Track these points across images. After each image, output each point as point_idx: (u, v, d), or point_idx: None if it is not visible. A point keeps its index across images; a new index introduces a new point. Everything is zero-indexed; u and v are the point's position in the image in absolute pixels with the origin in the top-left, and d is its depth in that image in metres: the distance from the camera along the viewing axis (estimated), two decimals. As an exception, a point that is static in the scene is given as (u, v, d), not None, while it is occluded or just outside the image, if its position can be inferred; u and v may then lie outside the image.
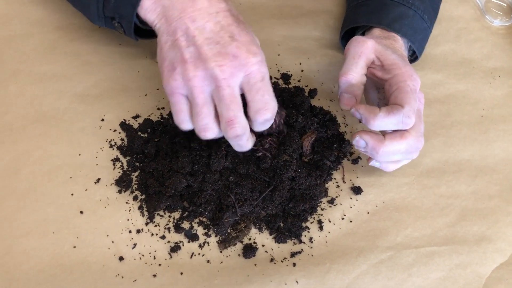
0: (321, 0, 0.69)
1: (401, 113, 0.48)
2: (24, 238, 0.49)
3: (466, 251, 0.53)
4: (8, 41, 0.60)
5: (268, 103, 0.45)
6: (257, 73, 0.45)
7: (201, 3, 0.46)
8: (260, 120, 0.46)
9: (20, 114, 0.55)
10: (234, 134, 0.45)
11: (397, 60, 0.51)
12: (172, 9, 0.46)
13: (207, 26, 0.45)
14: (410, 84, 0.50)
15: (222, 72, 0.44)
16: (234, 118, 0.44)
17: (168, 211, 0.52)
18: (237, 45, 0.44)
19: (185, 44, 0.45)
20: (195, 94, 0.45)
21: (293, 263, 0.51)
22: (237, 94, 0.45)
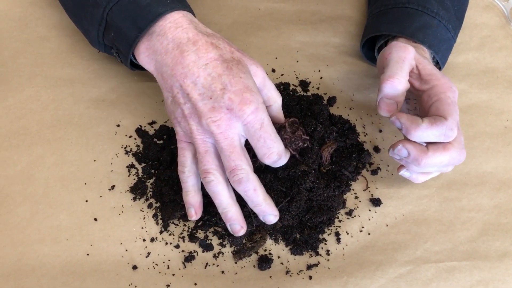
0: (340, 6, 0.67)
1: (445, 125, 0.47)
2: (37, 245, 0.49)
3: (488, 267, 0.52)
4: (24, 44, 0.60)
5: (271, 148, 0.46)
6: (254, 122, 0.45)
7: (189, 57, 0.46)
8: (268, 162, 0.47)
9: (35, 118, 0.55)
10: (237, 181, 0.46)
11: (434, 70, 0.50)
12: (164, 66, 0.47)
13: (198, 81, 0.46)
14: (450, 95, 0.49)
15: (218, 127, 0.45)
16: (235, 167, 0.45)
17: (183, 219, 0.51)
18: (230, 97, 0.45)
19: (182, 101, 0.47)
20: (197, 145, 0.47)
21: (309, 276, 0.50)
22: (236, 144, 0.46)
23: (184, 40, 0.47)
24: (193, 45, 0.47)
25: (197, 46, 0.47)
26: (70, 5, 0.55)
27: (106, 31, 0.51)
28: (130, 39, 0.49)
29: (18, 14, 0.61)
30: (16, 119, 0.55)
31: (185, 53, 0.47)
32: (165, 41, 0.47)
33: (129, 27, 0.49)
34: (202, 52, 0.47)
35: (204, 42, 0.47)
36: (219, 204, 0.47)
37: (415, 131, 0.47)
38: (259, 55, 0.62)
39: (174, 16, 0.48)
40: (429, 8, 0.56)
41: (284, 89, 0.59)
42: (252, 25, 0.64)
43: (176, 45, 0.47)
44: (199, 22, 0.50)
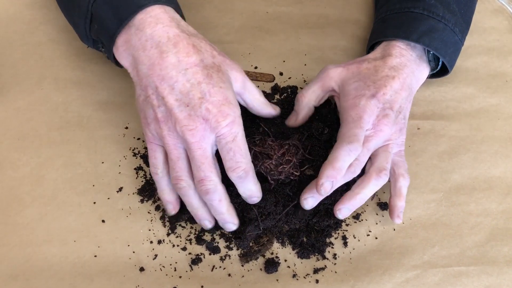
0: (348, 10, 0.67)
1: (342, 144, 0.48)
2: (45, 246, 0.49)
3: (496, 273, 0.52)
4: (34, 47, 0.60)
5: (239, 162, 0.46)
6: (228, 134, 0.45)
7: (169, 60, 0.45)
8: (233, 177, 0.47)
9: (44, 120, 0.56)
10: (205, 191, 0.46)
11: (352, 90, 0.52)
12: (141, 63, 0.46)
13: (176, 86, 0.45)
14: (352, 114, 0.50)
15: (192, 136, 0.45)
16: (204, 178, 0.46)
17: (190, 222, 0.51)
18: (207, 108, 0.45)
19: (156, 104, 0.46)
20: (169, 150, 0.46)
21: (316, 279, 0.50)
22: (208, 154, 0.46)
23: (164, 39, 0.46)
24: (173, 46, 0.46)
25: (178, 48, 0.46)
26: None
27: (92, 24, 0.50)
28: (111, 31, 0.48)
29: (29, 17, 0.62)
30: (26, 121, 0.56)
31: (165, 54, 0.45)
32: (143, 37, 0.46)
33: (110, 18, 0.47)
34: (182, 55, 0.46)
35: (185, 44, 0.46)
36: (189, 206, 0.49)
37: (335, 168, 0.48)
38: (267, 58, 0.62)
39: (155, 11, 0.47)
40: (435, 12, 0.56)
41: (292, 92, 0.60)
42: (260, 29, 0.65)
43: (156, 43, 0.46)
44: (182, 19, 0.49)
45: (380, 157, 0.51)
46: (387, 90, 0.51)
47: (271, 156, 0.50)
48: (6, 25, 0.61)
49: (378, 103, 0.50)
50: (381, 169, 0.50)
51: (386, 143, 0.51)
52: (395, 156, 0.52)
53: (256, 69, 0.61)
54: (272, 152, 0.51)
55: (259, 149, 0.51)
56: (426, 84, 0.62)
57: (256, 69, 0.61)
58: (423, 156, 0.58)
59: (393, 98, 0.51)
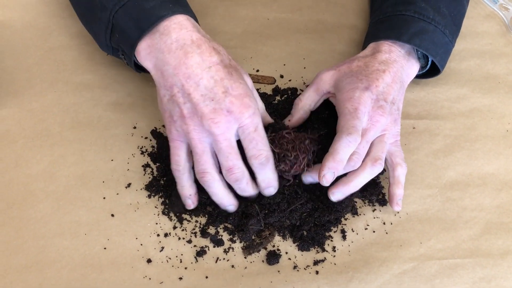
0: (345, 16, 0.70)
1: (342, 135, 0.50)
2: (57, 238, 0.51)
3: (491, 265, 0.53)
4: (48, 52, 0.63)
5: (261, 150, 0.49)
6: (250, 125, 0.48)
7: (194, 59, 0.48)
8: (256, 164, 0.50)
9: (57, 120, 0.58)
10: (234, 179, 0.49)
11: (346, 85, 0.54)
12: (166, 64, 0.49)
13: (201, 83, 0.48)
14: (348, 105, 0.52)
15: (218, 128, 0.47)
16: (233, 166, 0.49)
17: (195, 215, 0.54)
18: (231, 100, 0.47)
19: (182, 101, 0.48)
20: (194, 145, 0.48)
21: (316, 271, 0.52)
22: (234, 145, 0.49)
23: (189, 41, 0.49)
24: (197, 47, 0.49)
25: (201, 49, 0.49)
26: (82, 10, 0.57)
27: (112, 34, 0.53)
28: (132, 39, 0.50)
29: (42, 24, 0.65)
30: (39, 121, 0.58)
31: (190, 54, 0.48)
32: (168, 40, 0.49)
33: (131, 28, 0.50)
34: (206, 55, 0.49)
35: (207, 46, 0.49)
36: (215, 195, 0.51)
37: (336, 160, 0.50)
38: (268, 62, 0.65)
39: (178, 18, 0.50)
40: (425, 14, 0.58)
41: (292, 93, 0.62)
42: (261, 34, 0.67)
43: (180, 45, 0.49)
44: (200, 28, 0.52)
45: (376, 147, 0.53)
46: (379, 83, 0.53)
47: (289, 157, 0.53)
48: (21, 31, 0.64)
49: (372, 95, 0.52)
50: (376, 158, 0.52)
51: (382, 133, 0.53)
52: (391, 146, 0.54)
53: (258, 72, 0.64)
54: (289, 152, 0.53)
55: (277, 150, 0.53)
56: (421, 86, 0.64)
57: (258, 72, 0.64)
58: (418, 153, 0.60)
59: (385, 90, 0.54)
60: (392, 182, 0.54)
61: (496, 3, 0.73)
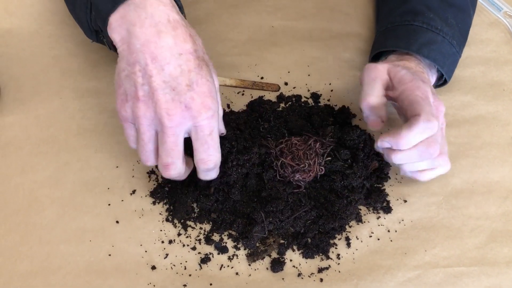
0: (350, 24, 0.70)
1: (420, 120, 0.48)
2: (62, 245, 0.52)
3: (496, 273, 0.53)
4: (54, 59, 0.64)
5: (211, 155, 0.47)
6: (206, 127, 0.45)
7: (166, 40, 0.44)
8: (202, 168, 0.48)
9: (63, 127, 0.59)
10: (167, 175, 0.47)
11: (405, 75, 0.52)
12: (135, 38, 0.44)
13: (167, 68, 0.44)
14: (419, 93, 0.51)
15: (170, 121, 0.44)
16: (170, 164, 0.46)
17: (199, 223, 0.54)
18: (192, 96, 0.44)
19: (140, 81, 0.44)
20: (141, 130, 0.46)
21: (321, 278, 0.52)
22: (179, 142, 0.46)
23: (164, 20, 0.45)
24: (172, 29, 0.45)
25: (176, 32, 0.45)
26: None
27: (91, 14, 0.50)
28: (105, 11, 0.46)
29: (49, 32, 0.66)
30: (46, 128, 0.59)
31: (163, 34, 0.44)
32: (143, 14, 0.45)
33: (105, 1, 0.46)
34: (179, 39, 0.45)
35: (184, 30, 0.46)
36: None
37: (401, 140, 0.49)
38: (272, 69, 0.65)
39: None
40: (433, 25, 0.59)
41: (296, 100, 0.62)
42: (266, 41, 0.68)
43: (155, 23, 0.45)
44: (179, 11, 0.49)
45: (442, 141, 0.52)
46: (425, 78, 0.54)
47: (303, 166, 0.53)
48: (28, 39, 0.64)
49: (429, 88, 0.53)
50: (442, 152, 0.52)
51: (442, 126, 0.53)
52: None
53: (262, 79, 0.64)
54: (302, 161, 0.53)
55: (289, 161, 0.53)
56: (425, 93, 0.64)
57: (263, 79, 0.64)
58: (423, 161, 0.60)
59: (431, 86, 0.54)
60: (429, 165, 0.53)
61: (500, 10, 0.73)
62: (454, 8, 0.61)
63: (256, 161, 0.54)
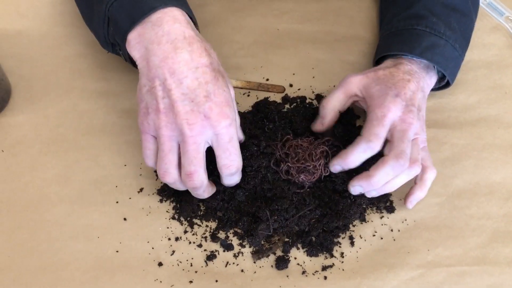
0: (354, 27, 0.71)
1: (362, 140, 0.52)
2: (71, 241, 0.53)
3: (498, 273, 0.53)
4: (64, 60, 0.65)
5: (233, 161, 0.49)
6: (226, 135, 0.48)
7: (182, 56, 0.47)
8: (225, 173, 0.50)
9: (72, 127, 0.60)
10: (191, 185, 0.49)
11: (376, 92, 0.55)
12: (154, 55, 0.47)
13: (185, 81, 0.46)
14: (377, 112, 0.53)
15: (191, 130, 0.46)
16: (194, 173, 0.48)
17: (205, 220, 0.55)
18: (210, 106, 0.47)
19: (161, 95, 0.47)
20: (162, 141, 0.47)
21: (325, 276, 0.52)
22: (201, 150, 0.48)
23: (181, 37, 0.47)
24: (188, 45, 0.47)
25: (192, 47, 0.47)
26: (83, 8, 0.58)
27: (109, 27, 0.52)
28: (124, 29, 0.49)
29: (59, 34, 0.67)
30: (55, 127, 0.60)
31: (179, 50, 0.47)
32: (160, 32, 0.47)
33: (124, 19, 0.49)
34: (196, 54, 0.47)
35: (199, 45, 0.48)
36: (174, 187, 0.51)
37: (346, 160, 0.53)
38: (277, 71, 0.66)
39: (173, 12, 0.49)
40: (436, 29, 0.60)
41: (301, 102, 0.63)
42: (272, 44, 0.69)
43: (171, 39, 0.47)
44: (194, 26, 0.51)
45: (412, 150, 0.53)
46: (407, 90, 0.54)
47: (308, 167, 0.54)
48: (38, 41, 0.66)
49: (401, 101, 0.53)
50: (414, 160, 0.52)
51: (415, 136, 0.54)
52: (421, 151, 0.55)
53: (267, 81, 0.65)
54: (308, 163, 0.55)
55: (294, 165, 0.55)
56: (428, 96, 0.64)
57: (268, 81, 0.65)
58: (426, 162, 0.61)
59: (412, 97, 0.54)
60: (419, 184, 0.55)
61: (502, 15, 0.74)
62: (457, 13, 0.62)
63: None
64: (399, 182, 0.53)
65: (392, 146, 0.52)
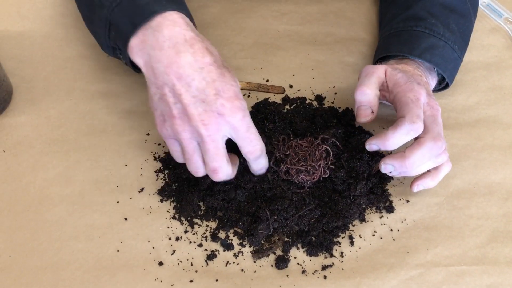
0: (354, 29, 0.72)
1: (405, 122, 0.51)
2: (72, 241, 0.53)
3: (497, 272, 0.53)
4: (65, 61, 0.65)
5: (256, 145, 0.50)
6: (243, 126, 0.49)
7: (186, 59, 0.47)
8: (251, 158, 0.51)
9: (73, 127, 0.60)
10: (217, 179, 0.50)
11: (400, 78, 0.54)
12: (158, 62, 0.48)
13: (193, 84, 0.47)
14: (410, 95, 0.53)
15: (207, 130, 0.47)
16: (218, 168, 0.49)
17: (205, 220, 0.55)
18: (222, 103, 0.47)
19: (172, 101, 0.47)
20: (184, 145, 0.49)
21: (324, 275, 0.52)
22: (221, 146, 0.49)
23: (181, 40, 0.48)
24: (190, 47, 0.48)
25: (194, 49, 0.48)
26: (85, 11, 0.58)
27: (110, 32, 0.53)
28: (126, 35, 0.50)
29: (60, 35, 0.67)
30: (56, 128, 0.60)
31: (182, 54, 0.47)
32: (161, 37, 0.48)
33: (126, 24, 0.50)
34: (198, 55, 0.48)
35: (200, 46, 0.48)
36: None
37: (386, 141, 0.52)
38: (278, 72, 0.67)
39: (172, 16, 0.49)
40: (436, 30, 0.60)
41: (301, 102, 0.64)
42: (272, 45, 0.69)
43: (173, 44, 0.48)
44: (194, 27, 0.51)
45: None
46: (424, 80, 0.55)
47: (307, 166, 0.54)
48: (40, 42, 0.66)
49: (424, 89, 0.54)
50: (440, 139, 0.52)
51: None
52: None
53: (267, 81, 0.66)
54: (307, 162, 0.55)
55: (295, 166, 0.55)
56: (428, 97, 0.65)
57: (268, 81, 0.66)
58: (425, 162, 0.61)
59: (428, 88, 0.55)
60: (433, 173, 0.54)
61: (501, 16, 0.75)
62: (455, 14, 0.63)
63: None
64: (427, 167, 0.53)
65: (427, 130, 0.52)
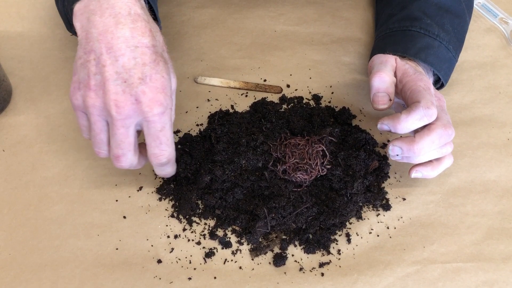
0: (350, 29, 0.73)
1: (420, 107, 0.50)
2: (71, 239, 0.53)
3: (493, 269, 0.54)
4: (64, 62, 0.66)
5: (163, 151, 0.47)
6: (157, 123, 0.45)
7: (122, 32, 0.44)
8: (155, 163, 0.48)
9: (72, 126, 0.61)
10: (119, 166, 0.48)
11: (409, 69, 0.55)
12: (94, 27, 0.44)
13: (120, 59, 0.43)
14: (421, 84, 0.53)
15: (118, 113, 0.44)
16: (121, 156, 0.46)
17: (204, 218, 0.55)
18: (143, 90, 0.44)
19: (93, 70, 0.44)
20: (91, 121, 0.46)
21: (322, 273, 0.53)
22: (130, 134, 0.46)
23: (125, 12, 0.45)
24: (131, 22, 0.45)
25: (136, 25, 0.45)
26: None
27: (64, 4, 0.52)
28: (71, 1, 0.47)
29: (59, 36, 0.68)
30: (56, 127, 0.60)
31: (120, 25, 0.44)
32: (105, 4, 0.45)
33: None
34: (137, 33, 0.45)
35: (144, 24, 0.45)
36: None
37: (399, 124, 0.51)
38: (275, 72, 0.67)
39: None
40: (430, 30, 0.61)
41: (298, 102, 0.64)
42: (269, 45, 0.70)
43: (115, 13, 0.45)
44: (146, 8, 0.48)
45: None
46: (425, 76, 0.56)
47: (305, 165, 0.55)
48: (39, 43, 0.67)
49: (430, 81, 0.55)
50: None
51: None
52: None
53: (265, 81, 0.66)
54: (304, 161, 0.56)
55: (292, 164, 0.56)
56: (424, 96, 0.66)
57: (265, 81, 0.66)
58: (421, 160, 0.61)
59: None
60: (434, 163, 0.54)
61: (496, 17, 0.75)
62: (450, 15, 0.63)
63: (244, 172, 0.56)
64: (432, 155, 0.53)
65: (437, 118, 0.52)
